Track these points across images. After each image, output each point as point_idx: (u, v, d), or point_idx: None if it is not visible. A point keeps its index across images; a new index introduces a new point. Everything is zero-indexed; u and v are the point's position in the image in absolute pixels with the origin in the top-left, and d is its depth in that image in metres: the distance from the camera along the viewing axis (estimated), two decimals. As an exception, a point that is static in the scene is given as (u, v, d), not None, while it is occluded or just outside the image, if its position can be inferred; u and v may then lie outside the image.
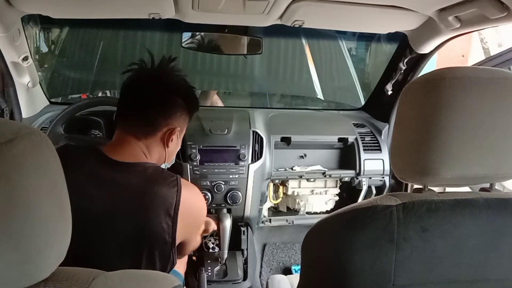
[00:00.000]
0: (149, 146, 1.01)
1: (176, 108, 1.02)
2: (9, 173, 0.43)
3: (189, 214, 0.96)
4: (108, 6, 1.30)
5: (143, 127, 1.00)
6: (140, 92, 1.01)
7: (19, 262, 0.45)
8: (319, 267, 0.76)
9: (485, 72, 0.68)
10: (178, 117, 1.04)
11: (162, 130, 1.01)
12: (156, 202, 0.91)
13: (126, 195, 0.91)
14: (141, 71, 1.05)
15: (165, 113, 1.01)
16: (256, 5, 1.22)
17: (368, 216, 0.69)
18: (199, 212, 1.05)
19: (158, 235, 0.92)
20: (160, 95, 1.00)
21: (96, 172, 0.93)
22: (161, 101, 1.01)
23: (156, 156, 1.03)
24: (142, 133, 1.00)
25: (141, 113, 1.00)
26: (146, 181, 0.93)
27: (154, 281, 0.55)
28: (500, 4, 1.02)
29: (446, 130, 0.67)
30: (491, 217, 0.70)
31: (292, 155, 1.81)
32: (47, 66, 2.55)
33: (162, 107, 1.01)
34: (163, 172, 0.98)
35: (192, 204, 0.99)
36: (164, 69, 1.04)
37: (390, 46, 2.13)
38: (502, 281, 0.72)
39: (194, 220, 1.04)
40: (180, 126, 1.05)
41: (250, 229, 1.76)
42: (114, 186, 0.92)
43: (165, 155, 1.05)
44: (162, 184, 0.93)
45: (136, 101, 1.01)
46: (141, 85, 1.02)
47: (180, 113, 1.04)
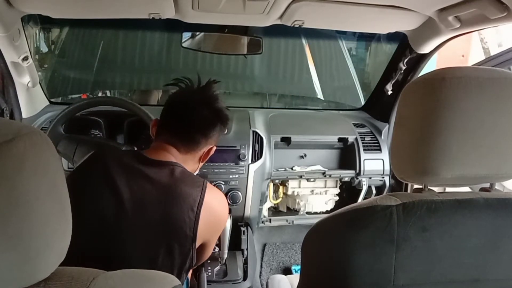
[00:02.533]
0: (185, 160, 1.07)
1: (216, 131, 1.10)
2: (9, 173, 0.43)
3: (211, 213, 1.00)
4: (108, 6, 1.30)
5: (185, 145, 1.07)
6: (189, 113, 1.07)
7: (19, 262, 0.45)
8: (319, 267, 0.76)
9: (485, 72, 0.68)
10: (216, 138, 1.12)
11: (202, 149, 1.10)
12: (181, 197, 0.96)
13: (155, 188, 0.97)
14: (189, 92, 1.11)
15: (207, 136, 1.08)
16: (256, 5, 1.22)
17: (368, 216, 0.69)
18: (221, 214, 1.08)
19: (179, 227, 0.95)
20: (206, 120, 1.07)
21: (131, 165, 1.00)
22: (207, 126, 1.08)
23: (189, 167, 1.09)
24: (183, 149, 1.07)
25: (187, 133, 1.07)
26: (174, 178, 0.99)
27: (154, 280, 0.55)
28: (500, 4, 1.02)
29: (446, 130, 0.67)
30: (491, 217, 0.70)
31: (292, 155, 1.81)
32: (47, 66, 2.55)
33: (206, 131, 1.08)
34: (191, 175, 1.05)
35: (215, 205, 1.04)
36: (210, 93, 1.10)
37: (390, 46, 2.13)
38: (502, 281, 0.72)
39: (216, 221, 1.07)
40: (215, 143, 1.14)
41: (250, 229, 1.76)
42: (145, 179, 0.98)
43: (196, 168, 1.15)
44: (188, 184, 0.99)
45: (184, 121, 1.07)
46: (190, 107, 1.07)
47: (217, 134, 1.12)
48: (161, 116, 1.10)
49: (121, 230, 0.94)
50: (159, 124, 1.10)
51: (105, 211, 0.94)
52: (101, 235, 0.94)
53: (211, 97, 1.10)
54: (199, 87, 1.11)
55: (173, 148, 1.06)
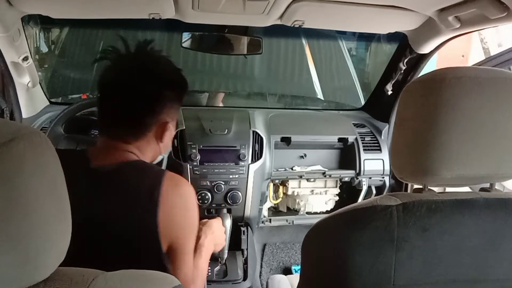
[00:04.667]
0: (141, 147, 0.91)
1: (165, 102, 0.90)
2: (9, 173, 0.43)
3: (172, 206, 0.85)
4: (108, 6, 1.30)
5: (132, 131, 0.89)
6: (123, 89, 0.87)
7: (19, 262, 0.45)
8: (319, 267, 0.76)
9: (485, 72, 0.68)
10: (169, 110, 0.92)
11: (152, 129, 0.91)
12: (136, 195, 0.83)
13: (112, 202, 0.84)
14: (119, 62, 0.91)
15: (154, 112, 0.89)
16: (256, 5, 1.22)
17: (368, 216, 0.69)
18: (187, 202, 0.89)
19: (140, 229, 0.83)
20: (146, 93, 0.87)
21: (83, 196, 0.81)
22: (148, 100, 0.88)
23: (150, 154, 0.94)
24: (132, 137, 0.89)
25: (127, 115, 0.88)
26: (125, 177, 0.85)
27: (154, 281, 0.55)
28: (500, 4, 1.02)
29: (446, 130, 0.67)
30: (491, 217, 0.70)
31: (292, 155, 1.81)
32: (47, 66, 2.55)
33: (150, 107, 0.89)
34: (145, 167, 0.89)
35: (177, 196, 0.86)
36: (146, 56, 0.91)
37: (390, 46, 2.13)
38: (502, 281, 0.72)
39: (181, 212, 0.87)
40: (172, 118, 0.95)
41: (250, 229, 1.76)
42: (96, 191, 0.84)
43: (159, 150, 0.96)
44: (142, 177, 0.85)
45: (120, 103, 0.87)
46: (124, 81, 0.87)
47: (170, 105, 0.92)
48: (97, 104, 0.91)
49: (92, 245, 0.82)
50: (98, 117, 0.92)
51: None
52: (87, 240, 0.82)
53: (146, 63, 0.90)
54: (128, 55, 0.91)
55: (120, 143, 0.88)
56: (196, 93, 2.33)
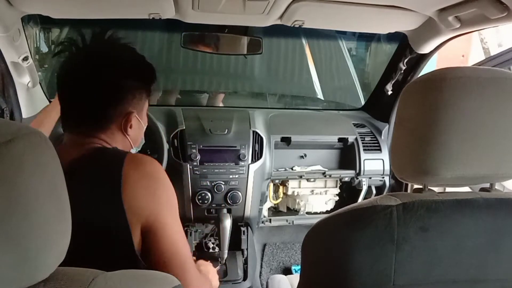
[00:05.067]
0: (106, 140, 0.87)
1: (126, 92, 0.86)
2: (9, 173, 0.43)
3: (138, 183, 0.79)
4: (108, 6, 1.30)
5: (93, 124, 0.85)
6: (77, 82, 0.83)
7: (19, 262, 0.45)
8: (319, 267, 0.76)
9: (485, 72, 0.68)
10: (131, 100, 0.87)
11: (116, 121, 0.86)
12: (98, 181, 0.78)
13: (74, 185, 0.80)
14: (75, 55, 0.88)
15: (113, 102, 0.85)
16: (256, 5, 1.22)
17: (368, 216, 0.69)
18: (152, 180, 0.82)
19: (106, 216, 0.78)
20: (104, 84, 0.83)
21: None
22: (107, 91, 0.84)
23: (119, 146, 0.89)
24: (94, 130, 0.85)
25: (85, 109, 0.84)
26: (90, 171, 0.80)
27: (154, 281, 0.55)
28: (500, 4, 1.02)
29: (446, 130, 0.67)
30: (491, 217, 0.70)
31: (292, 155, 1.81)
32: (47, 66, 2.55)
33: (110, 98, 0.84)
34: (106, 151, 0.84)
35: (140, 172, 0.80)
36: (103, 46, 0.87)
37: (390, 46, 2.13)
38: (502, 281, 0.72)
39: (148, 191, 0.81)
40: (136, 108, 0.90)
41: (250, 229, 1.76)
42: None
43: (128, 142, 0.92)
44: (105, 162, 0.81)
45: (76, 95, 0.84)
46: (77, 73, 0.84)
47: (132, 96, 0.87)
48: (59, 100, 0.87)
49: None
50: (61, 111, 0.88)
51: None
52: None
53: (102, 53, 0.86)
54: (84, 47, 0.87)
55: (84, 138, 0.85)
56: (196, 93, 2.33)
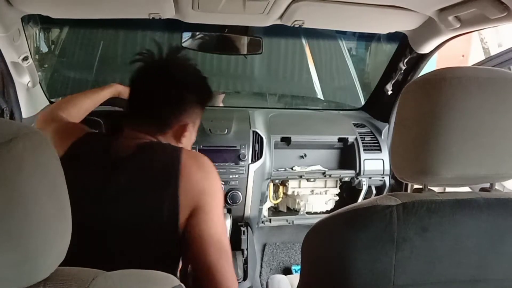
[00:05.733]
0: (161, 141, 0.98)
1: (187, 104, 0.99)
2: (9, 173, 0.43)
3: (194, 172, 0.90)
4: (108, 6, 1.30)
5: (154, 125, 0.97)
6: (149, 88, 0.97)
7: (19, 262, 0.45)
8: (319, 267, 0.76)
9: (485, 72, 0.68)
10: (190, 113, 1.00)
11: (173, 128, 0.98)
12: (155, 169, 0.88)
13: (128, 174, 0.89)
14: (148, 64, 1.01)
15: (176, 111, 0.98)
16: (256, 5, 1.22)
17: (368, 216, 0.69)
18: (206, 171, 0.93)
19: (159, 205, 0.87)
20: (170, 93, 0.96)
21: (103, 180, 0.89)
22: (172, 99, 0.97)
23: None
24: (154, 131, 0.97)
25: (151, 111, 0.97)
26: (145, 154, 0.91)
27: (154, 280, 0.55)
28: (500, 4, 1.02)
29: (446, 130, 0.67)
30: (491, 217, 0.70)
31: (292, 155, 1.81)
32: (47, 66, 2.55)
33: (172, 106, 0.97)
34: (163, 145, 0.96)
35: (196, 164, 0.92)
36: (173, 61, 1.00)
37: (390, 46, 2.13)
38: (502, 281, 0.72)
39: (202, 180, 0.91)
40: (193, 120, 1.02)
41: (250, 229, 1.76)
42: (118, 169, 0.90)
43: None
44: (164, 152, 0.92)
45: (146, 99, 0.97)
46: (150, 81, 0.97)
47: (191, 109, 1.00)
48: (127, 105, 1.01)
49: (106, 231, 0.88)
50: (126, 109, 1.01)
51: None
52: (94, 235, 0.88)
53: (174, 65, 0.98)
54: (160, 59, 1.00)
55: (143, 134, 0.96)
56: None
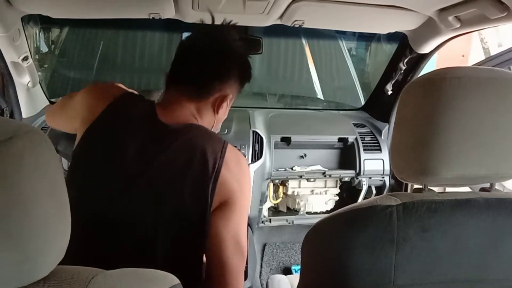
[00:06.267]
0: (200, 109, 0.99)
1: (231, 76, 1.00)
2: (8, 171, 0.43)
3: (232, 168, 0.93)
4: (108, 6, 1.30)
5: (197, 89, 0.98)
6: (200, 52, 0.98)
7: (18, 261, 0.45)
8: (319, 267, 0.76)
9: (485, 72, 0.68)
10: (232, 84, 1.01)
11: (214, 95, 0.99)
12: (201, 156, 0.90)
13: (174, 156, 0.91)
14: (201, 31, 1.04)
15: (221, 79, 0.99)
16: (256, 5, 1.22)
17: (368, 216, 0.69)
18: (242, 169, 0.97)
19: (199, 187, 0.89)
20: (219, 60, 0.98)
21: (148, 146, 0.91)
22: (220, 66, 0.98)
23: (206, 120, 1.01)
24: (195, 95, 0.98)
25: (198, 73, 0.98)
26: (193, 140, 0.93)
27: (153, 280, 0.55)
28: (500, 4, 1.02)
29: (446, 130, 0.67)
30: (491, 217, 0.70)
31: (292, 155, 1.81)
32: (47, 66, 2.55)
33: (219, 72, 0.99)
34: (211, 134, 0.99)
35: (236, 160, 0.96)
36: (225, 33, 1.01)
37: (390, 46, 2.13)
38: (502, 281, 0.72)
39: (237, 177, 0.94)
40: (233, 94, 1.03)
41: (250, 229, 1.76)
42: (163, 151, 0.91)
43: (214, 121, 1.04)
44: (208, 141, 0.94)
45: (195, 61, 0.98)
46: (202, 46, 0.99)
47: (234, 81, 1.01)
48: (172, 64, 1.02)
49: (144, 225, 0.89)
50: (170, 73, 1.02)
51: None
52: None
53: (226, 37, 1.00)
54: (211, 29, 1.02)
55: (184, 98, 0.98)
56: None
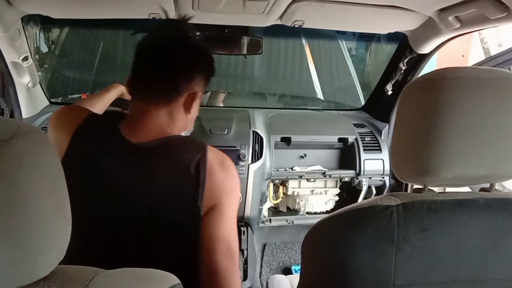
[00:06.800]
0: (171, 113, 0.95)
1: (197, 72, 0.97)
2: (9, 171, 0.43)
3: (218, 174, 0.90)
4: (108, 6, 1.30)
5: (165, 93, 0.94)
6: (161, 54, 0.94)
7: (19, 260, 0.45)
8: (319, 267, 0.76)
9: (485, 72, 0.68)
10: (199, 81, 0.98)
11: (184, 95, 0.95)
12: (179, 166, 0.88)
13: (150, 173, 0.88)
14: (160, 31, 0.99)
15: (187, 77, 0.95)
16: (256, 5, 1.22)
17: (368, 216, 0.69)
18: (229, 172, 0.94)
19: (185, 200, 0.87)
20: (183, 58, 0.95)
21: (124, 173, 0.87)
22: (185, 64, 0.95)
23: (179, 123, 0.98)
24: (164, 100, 0.94)
25: (163, 77, 0.94)
26: (173, 159, 0.90)
27: (153, 279, 0.55)
28: (500, 4, 1.02)
29: (446, 130, 0.67)
30: (491, 217, 0.70)
31: (292, 155, 1.81)
32: (47, 66, 2.55)
33: (185, 70, 0.95)
34: (187, 141, 0.96)
35: (221, 165, 0.92)
36: (183, 29, 0.98)
37: (390, 46, 2.13)
38: (502, 281, 0.72)
39: (224, 182, 0.92)
40: (200, 91, 1.00)
41: (250, 229, 1.76)
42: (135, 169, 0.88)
43: (186, 122, 1.01)
44: (186, 149, 0.91)
45: (158, 64, 0.94)
46: (164, 46, 0.95)
47: (200, 77, 0.98)
48: (132, 70, 0.97)
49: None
50: (132, 79, 0.97)
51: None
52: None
53: (186, 35, 0.96)
54: (168, 27, 0.99)
55: (153, 108, 0.93)
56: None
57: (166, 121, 0.95)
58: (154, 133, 0.92)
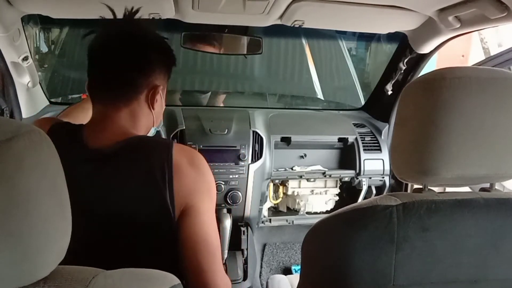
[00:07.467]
0: (133, 112, 0.92)
1: (154, 65, 0.93)
2: (9, 171, 0.43)
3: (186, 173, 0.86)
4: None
5: (123, 92, 0.90)
6: (112, 52, 0.90)
7: (19, 260, 0.45)
8: (319, 267, 0.76)
9: (485, 72, 0.68)
10: (158, 74, 0.94)
11: (144, 91, 0.92)
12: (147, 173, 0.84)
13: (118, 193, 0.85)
14: (106, 29, 0.95)
15: (144, 72, 0.91)
16: (256, 5, 1.22)
17: (368, 216, 0.69)
18: (199, 169, 0.90)
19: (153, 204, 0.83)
20: (135, 52, 0.90)
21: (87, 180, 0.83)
22: (138, 59, 0.91)
23: (144, 121, 0.94)
24: (124, 99, 0.90)
25: (118, 76, 0.90)
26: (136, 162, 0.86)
27: (153, 279, 0.55)
28: (500, 4, 1.02)
29: (446, 130, 0.67)
30: (491, 217, 0.70)
31: (292, 155, 1.81)
32: (47, 66, 2.54)
33: (140, 65, 0.91)
34: (150, 141, 0.92)
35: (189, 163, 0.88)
36: (131, 22, 0.94)
37: (390, 46, 2.13)
38: (502, 281, 0.72)
39: (195, 179, 0.88)
40: (162, 83, 0.96)
41: (250, 229, 1.76)
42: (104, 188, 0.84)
43: (152, 118, 0.96)
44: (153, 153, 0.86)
45: (110, 64, 0.90)
46: (112, 44, 0.91)
47: (159, 70, 0.94)
48: (88, 74, 0.94)
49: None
50: (89, 84, 0.94)
51: None
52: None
53: (133, 27, 0.92)
54: (115, 21, 0.94)
55: (113, 110, 0.89)
56: (197, 94, 2.33)
57: (128, 122, 0.91)
58: (116, 136, 0.88)
